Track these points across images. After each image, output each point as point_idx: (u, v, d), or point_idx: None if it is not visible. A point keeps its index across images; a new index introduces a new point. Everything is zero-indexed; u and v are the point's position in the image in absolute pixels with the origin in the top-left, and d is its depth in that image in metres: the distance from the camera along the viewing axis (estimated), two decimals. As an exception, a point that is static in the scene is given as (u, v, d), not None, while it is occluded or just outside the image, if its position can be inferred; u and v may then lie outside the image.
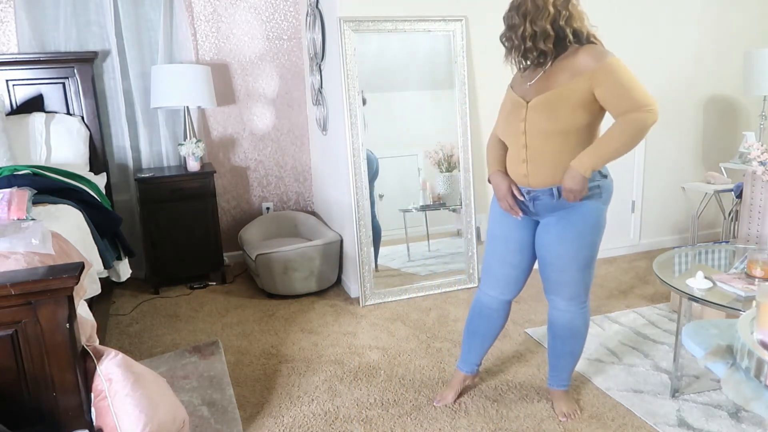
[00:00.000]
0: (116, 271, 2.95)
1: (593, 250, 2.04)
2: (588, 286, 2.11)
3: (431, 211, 3.54)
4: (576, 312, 2.12)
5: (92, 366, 1.72)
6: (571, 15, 1.88)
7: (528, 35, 1.89)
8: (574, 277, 2.05)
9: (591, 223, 1.99)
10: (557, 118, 1.88)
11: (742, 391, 1.26)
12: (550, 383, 2.27)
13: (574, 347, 2.18)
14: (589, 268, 2.06)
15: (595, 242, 2.04)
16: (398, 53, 3.33)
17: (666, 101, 4.04)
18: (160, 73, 3.55)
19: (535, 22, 1.87)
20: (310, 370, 2.63)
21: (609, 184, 2.01)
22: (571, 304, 2.11)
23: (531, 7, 1.88)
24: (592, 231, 2.00)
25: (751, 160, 2.97)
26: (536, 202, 2.02)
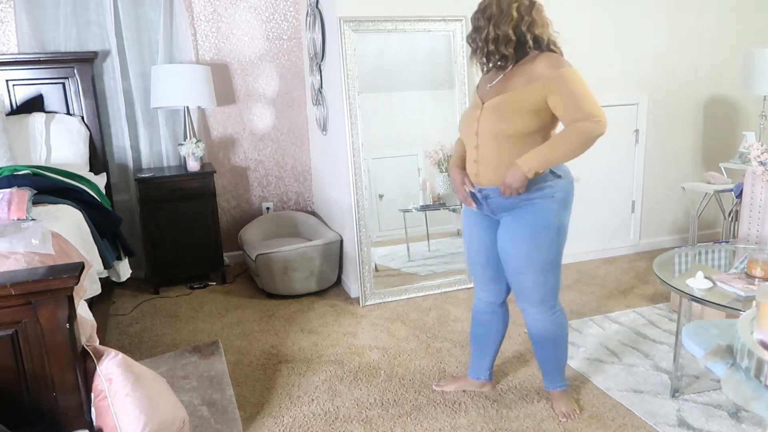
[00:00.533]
0: (116, 271, 2.95)
1: (551, 252, 2.01)
2: (553, 291, 2.08)
3: (431, 211, 3.54)
4: (546, 318, 2.11)
5: (92, 366, 1.72)
6: (534, 21, 1.91)
7: (491, 38, 1.93)
8: (534, 280, 2.04)
9: (543, 224, 1.97)
10: (508, 121, 1.92)
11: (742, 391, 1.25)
12: (546, 385, 2.27)
13: (556, 351, 2.18)
14: (549, 272, 2.03)
15: (552, 245, 2.00)
16: (398, 53, 3.33)
17: (666, 101, 4.05)
18: (160, 73, 3.55)
19: (499, 26, 1.90)
20: (310, 370, 2.63)
21: (564, 185, 1.99)
22: (540, 311, 2.10)
23: (495, 11, 1.91)
24: (546, 232, 1.98)
25: (751, 160, 2.97)
26: (489, 201, 2.05)
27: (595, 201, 3.96)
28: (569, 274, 3.73)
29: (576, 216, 3.98)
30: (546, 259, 2.01)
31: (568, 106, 1.84)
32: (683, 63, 4.04)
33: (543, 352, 2.20)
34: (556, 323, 2.13)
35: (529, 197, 1.96)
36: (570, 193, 2.01)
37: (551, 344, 2.16)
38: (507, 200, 1.98)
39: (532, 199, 1.96)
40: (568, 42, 3.63)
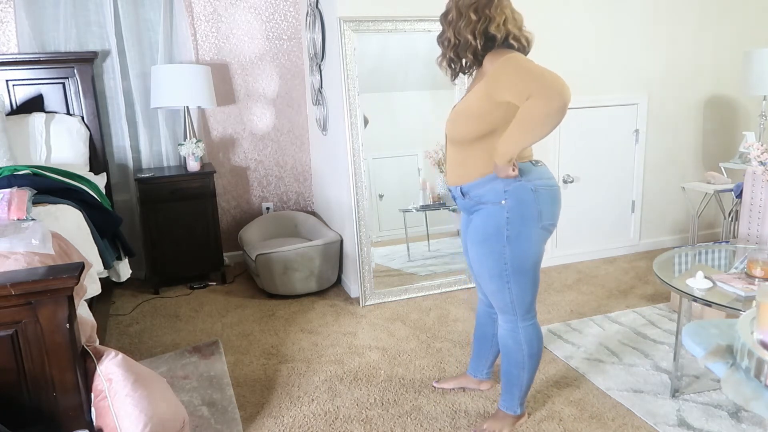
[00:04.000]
0: (116, 271, 2.95)
1: (500, 261, 1.88)
2: (514, 304, 1.95)
3: (431, 211, 3.54)
4: (506, 329, 2.01)
5: (92, 366, 1.72)
6: (491, 18, 1.79)
7: (452, 44, 1.87)
8: (489, 287, 1.97)
9: (491, 231, 1.88)
10: (456, 127, 1.92)
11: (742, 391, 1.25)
12: (500, 403, 2.15)
13: (512, 369, 2.04)
14: (507, 282, 1.91)
15: (501, 253, 1.87)
16: (398, 53, 3.33)
17: (666, 101, 4.05)
18: (160, 73, 3.55)
19: (459, 31, 1.83)
20: (310, 370, 2.63)
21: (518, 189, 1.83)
22: (503, 320, 2.02)
23: (455, 15, 1.84)
24: (494, 239, 1.87)
25: (751, 160, 2.97)
26: (457, 201, 2.04)
27: (595, 201, 3.96)
28: (569, 275, 3.73)
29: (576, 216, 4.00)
30: (497, 267, 1.90)
31: (513, 91, 1.72)
32: (683, 63, 4.04)
33: (503, 364, 2.08)
34: (514, 339, 2.00)
35: (481, 200, 1.90)
36: (528, 201, 1.83)
37: (508, 359, 2.04)
38: (466, 202, 1.96)
39: (483, 203, 1.90)
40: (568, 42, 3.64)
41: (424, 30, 3.31)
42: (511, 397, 2.09)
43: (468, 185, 1.93)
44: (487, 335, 2.30)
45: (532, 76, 1.69)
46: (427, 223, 3.56)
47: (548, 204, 1.87)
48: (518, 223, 1.84)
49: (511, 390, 2.08)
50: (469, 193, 1.94)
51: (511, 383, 2.07)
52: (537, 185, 1.85)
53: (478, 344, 2.35)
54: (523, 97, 1.70)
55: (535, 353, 2.02)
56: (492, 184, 1.86)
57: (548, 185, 1.88)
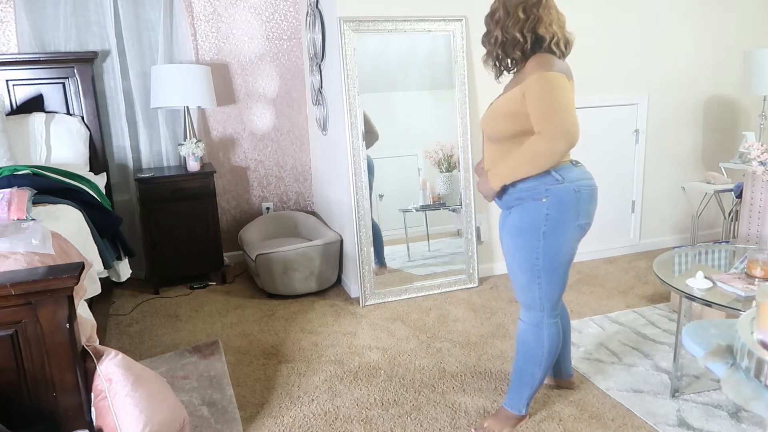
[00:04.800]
0: (116, 271, 2.95)
1: (533, 255, 1.90)
2: (542, 300, 1.96)
3: (431, 211, 3.54)
4: (529, 324, 2.02)
5: (92, 366, 1.72)
6: (539, 19, 1.84)
7: (500, 43, 1.91)
8: (518, 280, 1.99)
9: (528, 225, 1.90)
10: (492, 125, 1.96)
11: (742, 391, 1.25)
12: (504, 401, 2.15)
13: (526, 367, 2.04)
14: (535, 278, 1.93)
15: (535, 248, 1.90)
16: (398, 53, 3.33)
17: (666, 101, 4.05)
18: (160, 73, 3.55)
19: (507, 30, 1.88)
20: (310, 370, 2.63)
21: (561, 190, 1.87)
22: (525, 315, 2.03)
23: (503, 14, 1.89)
24: (530, 233, 1.90)
25: (751, 160, 2.97)
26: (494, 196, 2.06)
27: (595, 201, 3.96)
28: (569, 274, 3.73)
29: (576, 216, 3.97)
30: (529, 261, 1.92)
31: (537, 115, 1.78)
32: (683, 63, 4.04)
33: (516, 360, 2.08)
34: (536, 336, 2.00)
35: (521, 197, 1.93)
36: (568, 200, 1.87)
37: (525, 356, 2.04)
38: (504, 198, 1.98)
39: (524, 200, 1.92)
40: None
41: (424, 30, 3.31)
42: (520, 396, 2.08)
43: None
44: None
45: (550, 112, 1.76)
46: (427, 223, 3.56)
47: (587, 203, 1.92)
48: (556, 220, 1.87)
49: (522, 389, 2.08)
50: (507, 189, 1.96)
51: (523, 381, 2.06)
52: (579, 186, 1.89)
53: None
54: (535, 126, 1.79)
55: (553, 351, 2.03)
56: (533, 183, 1.88)
57: (588, 185, 1.92)
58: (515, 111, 1.85)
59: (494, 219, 3.71)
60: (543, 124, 1.76)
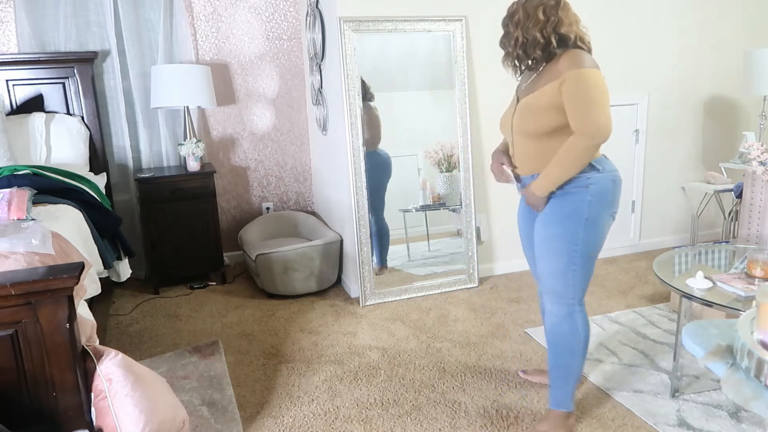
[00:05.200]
0: (116, 271, 2.95)
1: (573, 242, 1.94)
2: (576, 288, 1.99)
3: (431, 211, 3.54)
4: (564, 317, 2.02)
5: (92, 366, 1.72)
6: (560, 20, 1.91)
7: (520, 43, 1.96)
8: (551, 268, 2.00)
9: (570, 211, 1.94)
10: (532, 120, 1.96)
11: (742, 391, 1.25)
12: (550, 402, 2.13)
13: (567, 360, 2.05)
14: (571, 264, 1.96)
15: (576, 234, 1.93)
16: (398, 53, 3.33)
17: (666, 101, 4.05)
18: (160, 73, 3.55)
19: (527, 31, 1.93)
20: (310, 370, 2.63)
21: (601, 179, 1.94)
22: (557, 307, 2.03)
23: (522, 16, 1.94)
24: (572, 219, 1.93)
25: (751, 160, 2.97)
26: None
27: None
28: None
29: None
30: (565, 248, 1.95)
31: (575, 112, 1.85)
32: (683, 63, 4.04)
33: (554, 357, 2.08)
34: (572, 327, 2.02)
35: (562, 187, 1.96)
36: (608, 189, 1.95)
37: (564, 350, 2.05)
38: None
39: (563, 188, 1.95)
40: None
41: (424, 30, 3.31)
42: (565, 391, 2.08)
43: None
44: None
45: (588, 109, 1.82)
46: (427, 223, 3.56)
47: (619, 193, 2.01)
48: (597, 208, 1.93)
49: (566, 383, 2.07)
50: None
51: (566, 375, 2.07)
52: (614, 176, 1.97)
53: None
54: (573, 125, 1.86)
55: (587, 338, 2.07)
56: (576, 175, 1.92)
57: (619, 176, 2.01)
58: (556, 104, 1.89)
59: (494, 219, 3.71)
60: (582, 122, 1.83)
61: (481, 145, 3.59)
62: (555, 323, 2.05)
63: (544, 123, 1.92)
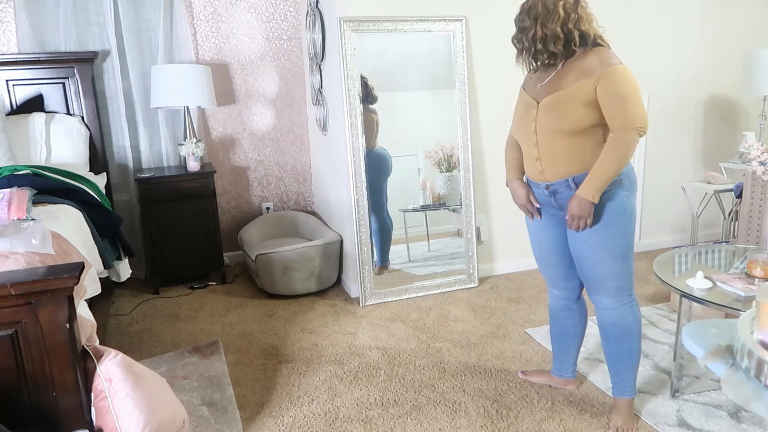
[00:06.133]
0: (116, 271, 2.95)
1: (626, 238, 1.98)
2: (631, 278, 2.05)
3: (431, 211, 3.54)
4: (624, 307, 2.06)
5: (92, 366, 1.72)
6: (580, 17, 1.92)
7: (539, 38, 1.93)
8: (612, 268, 2.00)
9: (617, 209, 1.94)
10: (564, 117, 1.91)
11: (742, 391, 1.25)
12: (614, 391, 2.17)
13: (631, 346, 2.09)
14: (625, 258, 2.00)
15: (626, 229, 1.98)
16: (398, 53, 3.33)
17: (666, 101, 4.05)
18: (160, 73, 3.55)
19: (546, 25, 1.91)
20: (310, 370, 2.63)
21: (629, 170, 1.98)
22: (617, 301, 2.05)
23: (542, 10, 1.92)
24: (621, 217, 1.95)
25: (751, 160, 2.97)
26: (557, 196, 2.03)
27: (595, 201, 3.96)
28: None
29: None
30: (621, 245, 1.98)
31: (615, 108, 1.85)
32: (683, 63, 4.04)
33: (617, 348, 2.10)
34: (632, 313, 2.07)
35: None
36: (635, 178, 2.01)
37: (627, 338, 2.07)
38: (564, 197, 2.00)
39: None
40: (568, 42, 3.62)
41: (424, 30, 3.31)
42: (632, 377, 2.12)
43: (583, 174, 1.93)
44: (568, 330, 2.31)
45: (629, 105, 1.85)
46: (427, 223, 3.56)
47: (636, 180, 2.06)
48: (632, 199, 1.98)
49: (633, 368, 2.12)
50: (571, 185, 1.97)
51: (632, 361, 2.11)
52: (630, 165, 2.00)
53: (558, 342, 2.35)
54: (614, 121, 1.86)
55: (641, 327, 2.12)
56: None
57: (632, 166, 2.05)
58: (591, 101, 1.88)
59: (494, 219, 3.71)
60: (625, 117, 1.84)
61: (481, 145, 3.59)
62: (619, 315, 2.07)
63: (582, 118, 1.89)
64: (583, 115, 1.89)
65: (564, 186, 1.99)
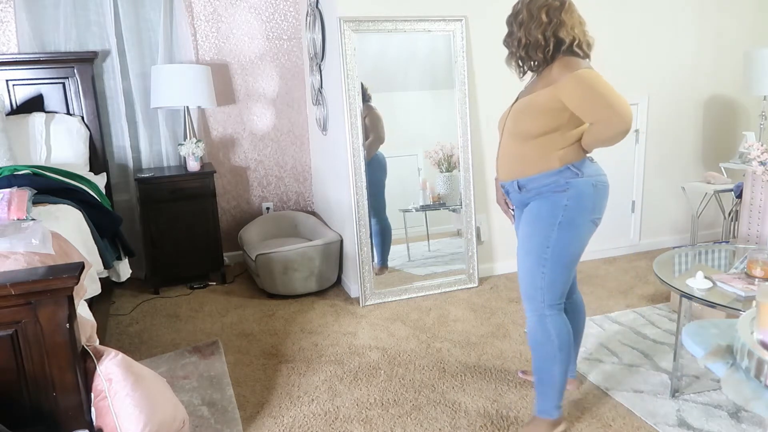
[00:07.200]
0: (116, 271, 2.95)
1: (544, 244, 1.92)
2: (542, 291, 1.95)
3: (431, 211, 3.54)
4: (534, 321, 1.99)
5: (92, 366, 1.72)
6: (562, 23, 1.89)
7: (523, 45, 1.94)
8: (525, 269, 1.99)
9: (545, 213, 1.92)
10: (522, 122, 1.95)
11: (742, 391, 1.25)
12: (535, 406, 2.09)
13: (546, 365, 2.00)
14: (540, 265, 1.93)
15: (549, 236, 1.91)
16: (398, 53, 3.33)
17: (666, 101, 4.05)
18: (160, 73, 3.55)
19: (530, 32, 1.91)
20: (310, 370, 2.63)
21: (581, 183, 1.91)
22: (529, 308, 2.01)
23: (526, 16, 1.92)
24: (546, 221, 1.92)
25: (751, 160, 2.97)
26: (510, 195, 2.10)
27: (595, 201, 3.96)
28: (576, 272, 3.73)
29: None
30: (538, 249, 1.93)
31: (582, 111, 1.83)
32: (683, 63, 4.04)
33: (535, 361, 2.05)
34: (543, 329, 1.98)
35: (540, 191, 1.95)
36: (588, 193, 1.91)
37: (540, 355, 2.01)
38: (521, 195, 2.01)
39: (543, 193, 1.95)
40: (568, 42, 3.62)
41: (424, 30, 3.31)
42: (546, 398, 2.04)
43: (527, 179, 1.97)
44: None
45: (604, 101, 1.78)
46: (427, 223, 3.56)
47: (601, 198, 1.97)
48: (573, 212, 1.91)
49: (545, 391, 2.03)
50: (526, 186, 1.98)
51: (544, 383, 2.03)
52: (596, 181, 1.94)
53: None
54: (589, 119, 1.84)
55: (565, 345, 1.99)
56: (554, 177, 1.91)
57: (604, 181, 1.97)
58: (551, 108, 1.87)
59: (494, 219, 3.71)
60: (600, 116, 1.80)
61: (481, 145, 3.59)
62: (530, 328, 2.03)
63: (533, 125, 1.91)
64: (538, 122, 1.90)
65: (512, 187, 2.04)
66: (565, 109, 1.86)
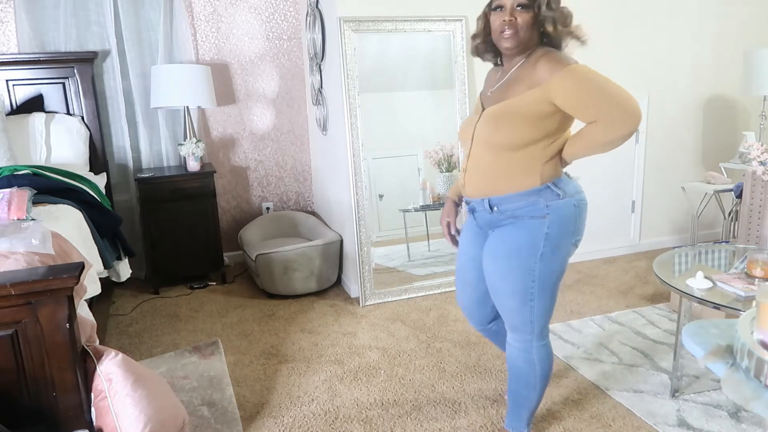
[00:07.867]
0: (116, 271, 2.95)
1: (527, 277, 1.74)
2: (531, 323, 1.80)
3: (431, 211, 3.54)
4: (518, 349, 1.85)
5: (92, 366, 1.72)
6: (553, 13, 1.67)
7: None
8: (509, 304, 1.80)
9: (526, 243, 1.72)
10: (504, 130, 1.69)
11: (742, 391, 1.25)
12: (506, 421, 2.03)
13: (519, 388, 1.90)
14: (526, 298, 1.76)
15: (532, 268, 1.73)
16: (398, 53, 3.33)
17: (666, 101, 4.05)
18: (160, 73, 3.55)
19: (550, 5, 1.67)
20: (310, 370, 2.63)
21: (562, 206, 1.71)
22: (514, 339, 1.86)
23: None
24: (528, 252, 1.72)
25: (751, 160, 2.97)
26: (475, 214, 1.89)
27: (595, 201, 3.94)
28: (569, 275, 3.73)
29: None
30: (522, 284, 1.75)
31: (582, 110, 1.60)
32: (683, 63, 4.04)
33: (510, 383, 1.94)
34: (526, 360, 1.84)
35: (515, 214, 1.74)
36: (570, 217, 1.72)
37: (515, 379, 1.90)
38: (492, 216, 1.80)
39: (520, 217, 1.73)
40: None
41: (424, 30, 3.31)
42: (518, 417, 1.97)
43: (501, 197, 1.75)
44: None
45: (605, 96, 1.57)
46: (427, 223, 3.56)
47: (583, 219, 1.78)
48: (555, 239, 1.72)
49: (519, 411, 1.96)
50: (500, 206, 1.76)
51: (519, 404, 1.94)
52: (577, 200, 1.74)
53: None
54: (589, 118, 1.60)
55: (546, 374, 1.88)
56: (533, 198, 1.70)
57: (584, 200, 1.78)
58: (539, 112, 1.65)
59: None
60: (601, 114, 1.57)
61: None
62: (511, 354, 1.89)
63: (520, 134, 1.67)
64: (525, 130, 1.66)
65: (481, 206, 1.81)
66: (554, 114, 1.65)
